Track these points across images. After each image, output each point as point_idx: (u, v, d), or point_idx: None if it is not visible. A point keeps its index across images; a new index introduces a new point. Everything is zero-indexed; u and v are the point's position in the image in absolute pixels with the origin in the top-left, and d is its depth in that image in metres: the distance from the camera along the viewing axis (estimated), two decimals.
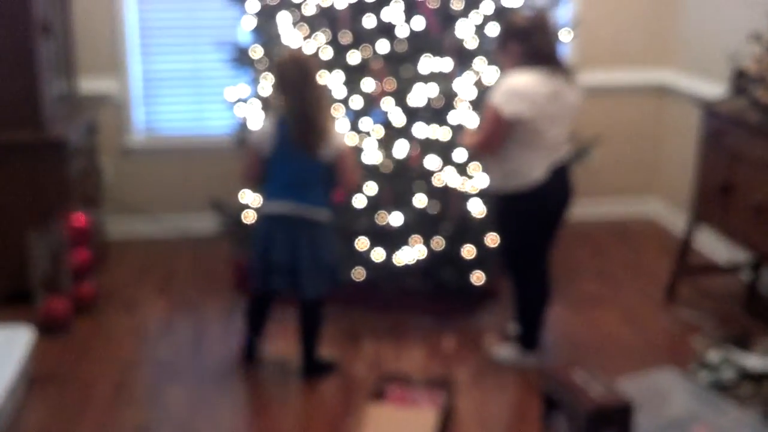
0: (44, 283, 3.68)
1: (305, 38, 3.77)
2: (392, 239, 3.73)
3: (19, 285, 3.80)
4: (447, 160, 3.71)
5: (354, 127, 3.74)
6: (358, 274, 3.79)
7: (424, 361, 3.51)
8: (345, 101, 3.73)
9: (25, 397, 3.15)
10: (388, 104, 3.70)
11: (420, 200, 3.70)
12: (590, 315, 3.88)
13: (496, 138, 3.13)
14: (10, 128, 3.76)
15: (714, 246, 4.42)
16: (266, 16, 3.92)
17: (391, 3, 3.69)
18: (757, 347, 3.23)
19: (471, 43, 3.78)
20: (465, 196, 3.76)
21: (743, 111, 3.55)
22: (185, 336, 3.70)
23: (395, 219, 3.68)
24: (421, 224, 3.73)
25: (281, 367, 3.42)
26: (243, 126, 3.98)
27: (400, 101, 3.69)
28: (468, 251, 3.78)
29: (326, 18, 3.76)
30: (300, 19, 3.80)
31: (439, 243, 3.77)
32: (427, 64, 3.69)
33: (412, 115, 3.73)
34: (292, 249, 3.13)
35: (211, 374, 3.38)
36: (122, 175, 4.75)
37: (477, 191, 3.76)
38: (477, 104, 3.72)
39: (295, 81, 3.08)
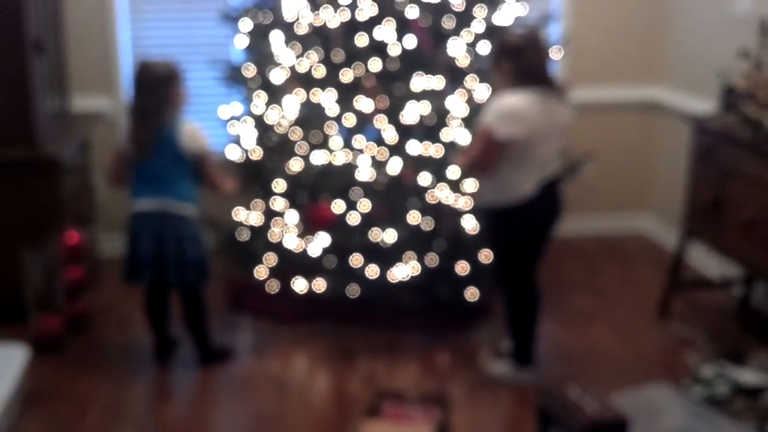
0: (38, 300, 3.67)
1: (298, 56, 3.80)
2: (386, 256, 3.74)
3: (13, 303, 3.79)
4: (440, 177, 3.73)
5: (347, 145, 3.76)
6: (353, 290, 3.80)
7: (418, 377, 3.51)
8: (338, 119, 3.75)
9: (19, 414, 3.14)
10: (381, 122, 3.72)
11: (413, 217, 3.72)
12: (583, 330, 3.89)
13: (489, 158, 3.16)
14: (4, 146, 3.77)
15: (706, 261, 4.45)
16: (259, 34, 3.94)
17: (383, 22, 3.72)
18: (750, 362, 3.24)
19: (463, 61, 3.81)
20: (458, 213, 3.78)
21: (733, 127, 3.58)
22: (180, 354, 3.69)
23: (389, 236, 3.69)
24: (414, 241, 3.75)
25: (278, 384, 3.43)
26: (236, 143, 4.00)
27: (393, 119, 3.71)
28: (462, 267, 3.80)
29: (319, 37, 3.79)
30: (293, 38, 3.82)
31: (432, 259, 3.78)
32: (420, 82, 3.72)
33: (405, 132, 3.75)
34: (158, 243, 3.32)
35: (206, 390, 3.38)
36: (115, 192, 4.73)
37: (470, 207, 3.77)
38: (469, 122, 3.75)
39: (142, 83, 3.30)
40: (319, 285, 3.82)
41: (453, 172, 3.73)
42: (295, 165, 3.79)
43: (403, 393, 3.17)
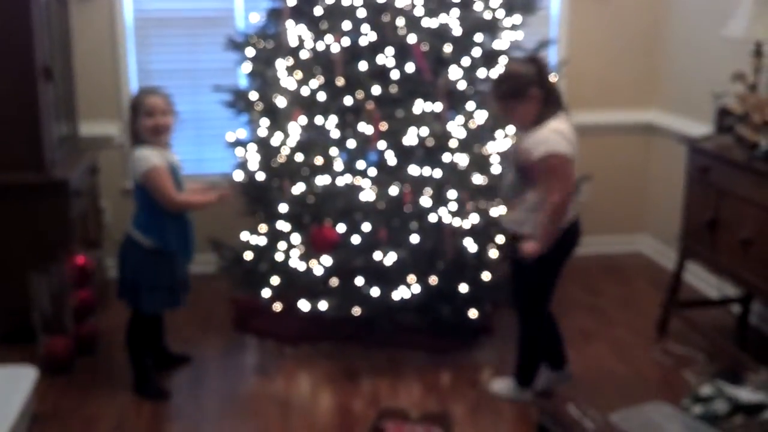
0: (46, 322, 3.72)
1: (300, 82, 3.87)
2: (388, 276, 3.79)
3: (21, 325, 3.84)
4: (440, 199, 3.78)
5: (349, 168, 3.82)
6: (356, 310, 3.84)
7: (421, 396, 3.55)
8: (340, 142, 3.81)
9: None
10: (382, 145, 3.78)
11: (415, 238, 3.77)
12: (583, 350, 3.93)
13: (570, 180, 3.12)
14: (13, 170, 3.83)
15: (704, 280, 4.49)
16: (263, 61, 4.02)
17: (385, 49, 3.79)
18: (749, 380, 3.27)
19: (462, 85, 3.87)
20: (459, 233, 3.83)
21: (728, 148, 3.64)
22: (185, 374, 3.74)
23: (391, 257, 3.75)
24: (416, 261, 3.79)
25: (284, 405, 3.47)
26: (242, 166, 4.06)
27: (394, 143, 3.77)
28: (463, 288, 3.85)
29: (321, 62, 3.86)
30: (296, 64, 3.89)
31: (434, 280, 3.83)
32: (420, 106, 3.78)
33: (406, 155, 3.81)
34: (121, 265, 3.49)
35: (210, 412, 3.42)
36: (122, 215, 4.79)
37: (470, 228, 3.83)
38: (467, 145, 3.81)
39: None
40: (323, 305, 3.87)
41: (452, 193, 3.77)
42: (299, 187, 3.85)
43: (406, 412, 3.21)
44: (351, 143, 3.79)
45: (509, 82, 3.17)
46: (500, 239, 3.93)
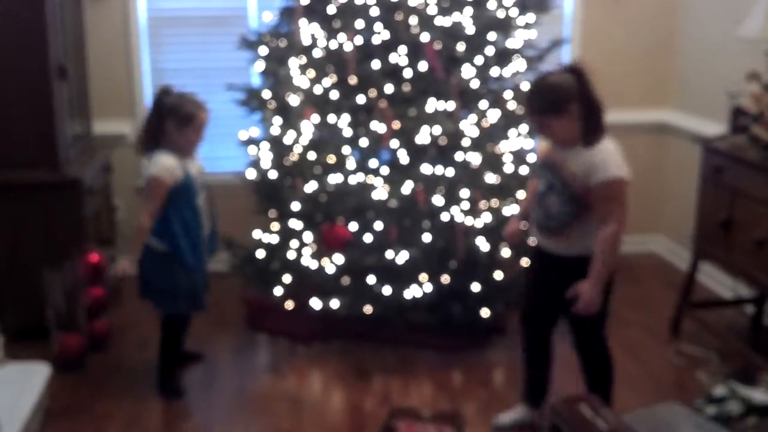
0: (59, 320, 3.74)
1: (313, 80, 3.87)
2: (400, 275, 3.79)
3: (35, 322, 3.86)
4: (453, 198, 3.78)
5: (361, 167, 3.83)
6: (367, 309, 3.85)
7: (432, 395, 3.55)
8: (352, 141, 3.82)
9: (40, 431, 3.20)
10: (394, 144, 3.78)
11: (427, 237, 3.77)
12: None
13: (626, 207, 2.87)
14: (27, 168, 3.86)
15: (718, 280, 4.47)
16: (276, 59, 4.03)
17: (398, 47, 3.79)
18: (763, 381, 3.25)
19: (475, 84, 3.87)
20: (471, 232, 3.83)
21: (743, 148, 3.62)
22: (197, 372, 3.75)
23: (402, 255, 3.74)
24: (428, 260, 3.79)
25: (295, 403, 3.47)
26: (255, 165, 4.07)
27: (407, 141, 3.77)
28: (475, 287, 3.84)
29: (333, 61, 3.87)
30: (308, 62, 3.90)
31: (446, 279, 3.83)
32: (433, 105, 3.78)
33: (419, 154, 3.81)
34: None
35: (222, 410, 3.43)
36: (135, 213, 4.79)
37: (482, 227, 3.82)
38: (480, 144, 3.80)
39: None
40: (335, 304, 3.88)
41: (465, 192, 3.76)
42: (311, 186, 3.85)
43: (417, 411, 3.22)
44: (363, 142, 3.79)
45: (549, 101, 2.84)
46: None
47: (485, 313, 3.88)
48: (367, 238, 3.78)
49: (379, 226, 3.76)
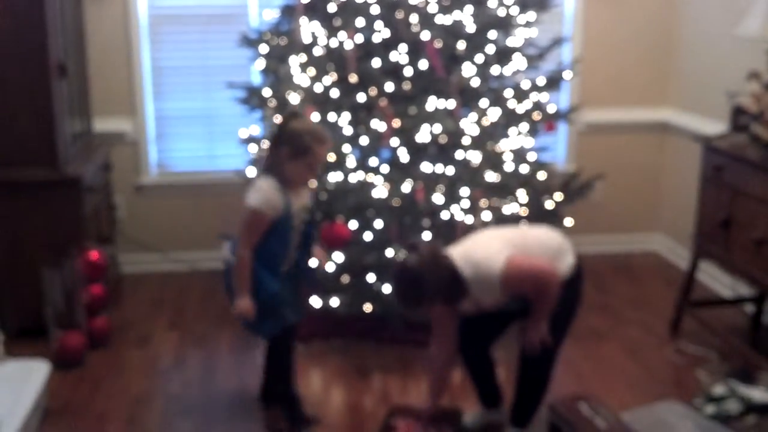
0: (58, 317, 3.74)
1: (313, 79, 3.87)
2: None
3: (34, 320, 3.86)
4: (453, 197, 3.78)
5: (361, 165, 3.83)
6: (367, 308, 3.85)
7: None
8: (352, 139, 3.82)
9: (39, 429, 3.20)
10: (395, 142, 3.78)
11: (427, 235, 3.77)
12: (595, 349, 3.92)
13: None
14: (27, 166, 3.85)
15: (718, 279, 4.47)
16: (277, 57, 4.02)
17: (398, 46, 3.78)
18: (762, 380, 3.26)
19: (475, 82, 3.87)
20: (472, 231, 3.82)
21: (743, 147, 3.62)
22: (197, 370, 3.75)
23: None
24: None
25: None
26: (255, 164, 4.07)
27: (407, 140, 3.77)
28: None
29: (334, 59, 3.87)
30: (309, 61, 3.90)
31: None
32: (433, 103, 3.78)
33: (419, 152, 3.81)
34: None
35: (222, 409, 3.43)
36: (135, 211, 4.84)
37: (482, 225, 3.81)
38: (480, 142, 3.80)
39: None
40: (334, 302, 3.87)
41: (465, 191, 3.75)
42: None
43: (417, 409, 3.22)
44: (364, 140, 3.79)
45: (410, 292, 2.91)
46: None
47: None
48: (367, 236, 3.78)
49: (379, 224, 3.76)
